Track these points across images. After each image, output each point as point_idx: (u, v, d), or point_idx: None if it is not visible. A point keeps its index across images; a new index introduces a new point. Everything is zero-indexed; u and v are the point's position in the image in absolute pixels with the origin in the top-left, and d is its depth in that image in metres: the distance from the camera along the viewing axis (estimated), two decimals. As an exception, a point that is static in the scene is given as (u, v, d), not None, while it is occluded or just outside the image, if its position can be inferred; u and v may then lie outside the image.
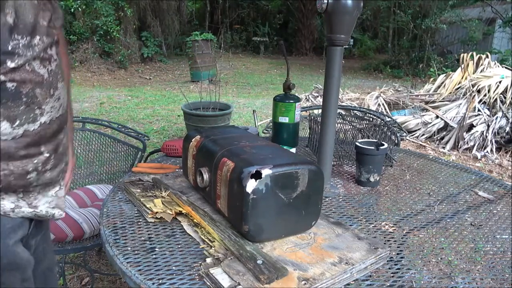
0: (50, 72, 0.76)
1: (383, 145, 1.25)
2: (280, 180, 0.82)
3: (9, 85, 0.68)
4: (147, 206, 1.01)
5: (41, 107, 0.75)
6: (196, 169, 1.02)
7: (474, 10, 11.22)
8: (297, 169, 0.84)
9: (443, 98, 4.81)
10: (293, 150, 1.49)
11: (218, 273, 0.74)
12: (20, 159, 0.73)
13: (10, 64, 0.67)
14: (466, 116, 4.33)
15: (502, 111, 4.31)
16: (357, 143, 1.25)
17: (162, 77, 8.89)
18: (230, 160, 0.88)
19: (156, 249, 0.85)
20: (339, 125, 1.68)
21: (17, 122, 0.71)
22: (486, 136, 4.24)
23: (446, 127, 4.56)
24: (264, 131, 2.05)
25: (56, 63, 0.78)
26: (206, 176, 0.96)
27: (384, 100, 5.17)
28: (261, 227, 0.83)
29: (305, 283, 0.72)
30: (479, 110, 4.40)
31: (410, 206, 1.13)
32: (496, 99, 4.36)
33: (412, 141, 4.55)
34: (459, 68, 4.98)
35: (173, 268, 0.79)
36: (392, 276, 0.80)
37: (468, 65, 4.92)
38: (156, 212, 0.98)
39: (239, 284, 0.71)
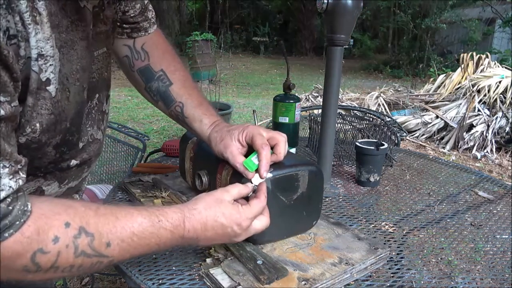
0: None
1: (383, 145, 1.25)
2: (281, 182, 0.82)
3: None
4: (147, 206, 1.01)
5: None
6: (194, 171, 1.00)
7: (474, 10, 11.23)
8: (297, 171, 0.84)
9: (443, 98, 4.81)
10: (293, 150, 1.49)
11: (218, 273, 0.74)
12: None
13: None
14: (466, 116, 4.33)
15: (502, 111, 4.32)
16: (357, 143, 1.25)
17: (162, 77, 8.86)
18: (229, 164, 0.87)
19: (156, 249, 0.85)
20: (339, 125, 1.67)
21: None
22: (486, 136, 4.24)
23: (446, 127, 4.57)
24: (264, 131, 2.04)
25: None
26: (205, 179, 0.95)
27: (384, 100, 5.17)
28: (263, 230, 0.83)
29: (305, 283, 0.72)
30: (479, 110, 4.40)
31: (410, 206, 1.13)
32: (496, 99, 4.36)
33: (412, 141, 4.56)
34: (459, 68, 4.98)
35: (173, 268, 0.79)
36: (392, 276, 0.80)
37: (468, 65, 4.92)
38: (156, 212, 0.98)
39: (239, 284, 0.71)
